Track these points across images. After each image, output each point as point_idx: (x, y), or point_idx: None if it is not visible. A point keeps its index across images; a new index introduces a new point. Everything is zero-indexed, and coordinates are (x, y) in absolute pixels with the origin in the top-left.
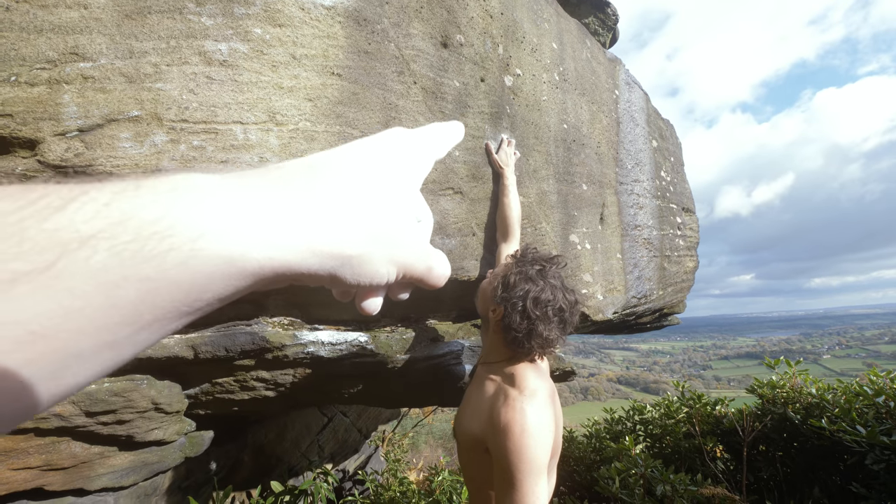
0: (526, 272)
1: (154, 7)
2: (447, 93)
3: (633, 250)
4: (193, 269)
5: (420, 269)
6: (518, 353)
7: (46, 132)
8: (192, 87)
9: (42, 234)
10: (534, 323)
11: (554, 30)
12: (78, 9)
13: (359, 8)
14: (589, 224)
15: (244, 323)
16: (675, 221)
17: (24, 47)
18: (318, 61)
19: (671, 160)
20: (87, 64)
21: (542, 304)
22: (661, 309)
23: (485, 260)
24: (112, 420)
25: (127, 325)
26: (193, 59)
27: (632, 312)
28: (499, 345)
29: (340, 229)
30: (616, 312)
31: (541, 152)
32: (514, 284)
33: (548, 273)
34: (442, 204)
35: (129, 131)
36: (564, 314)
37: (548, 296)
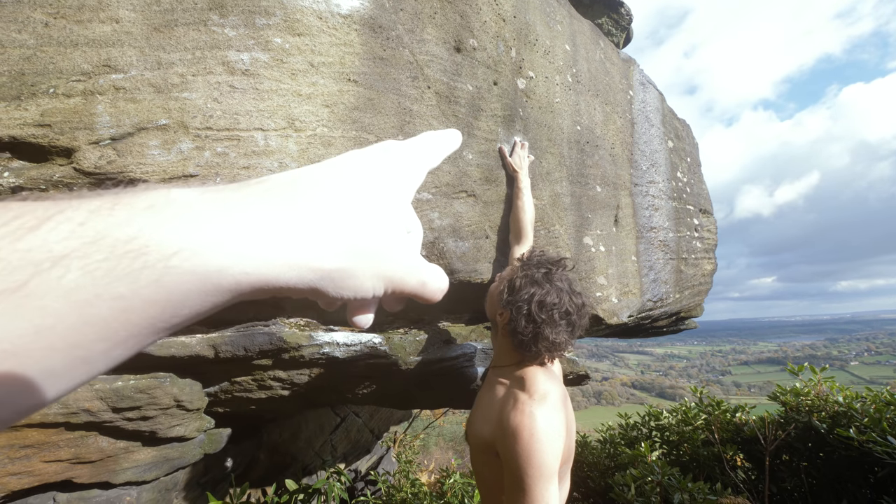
0: (532, 275)
1: (181, 20)
2: (460, 97)
3: (648, 253)
4: (168, 286)
5: (411, 283)
6: (526, 357)
7: (82, 141)
8: (216, 95)
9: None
10: (539, 327)
11: (567, 31)
12: (110, 23)
13: (374, 15)
14: (603, 226)
15: (262, 323)
16: (692, 223)
17: (62, 61)
18: (335, 68)
19: (687, 161)
20: (118, 75)
21: (547, 308)
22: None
23: (497, 262)
24: (137, 416)
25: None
26: (217, 68)
27: (647, 316)
28: (507, 348)
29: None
30: (631, 316)
31: (554, 154)
32: (519, 288)
33: (554, 276)
34: (455, 207)
35: (158, 139)
36: (572, 317)
37: (553, 299)
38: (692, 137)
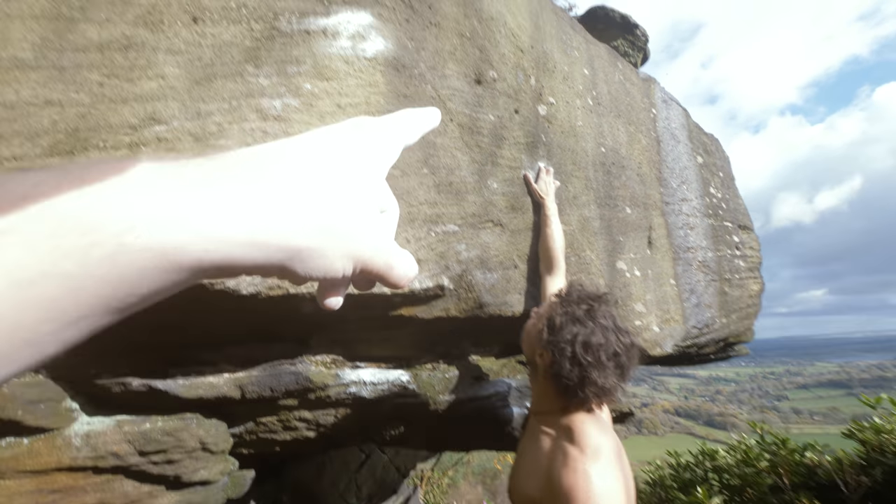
0: (573, 313)
1: (220, 73)
2: (483, 127)
3: (687, 275)
4: (122, 264)
5: (379, 264)
6: (572, 403)
7: None
8: (250, 141)
9: None
10: (586, 370)
11: (584, 56)
12: (157, 80)
13: (397, 56)
14: (636, 249)
15: (288, 361)
16: (732, 241)
17: (112, 116)
18: (361, 108)
19: (720, 175)
20: (161, 127)
21: (593, 349)
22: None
23: (529, 293)
24: (162, 459)
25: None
26: (251, 116)
27: (693, 344)
28: (550, 393)
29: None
30: (676, 345)
31: (580, 178)
32: (560, 327)
33: (597, 313)
34: (482, 237)
35: None
36: (620, 358)
37: (599, 339)
38: (722, 151)
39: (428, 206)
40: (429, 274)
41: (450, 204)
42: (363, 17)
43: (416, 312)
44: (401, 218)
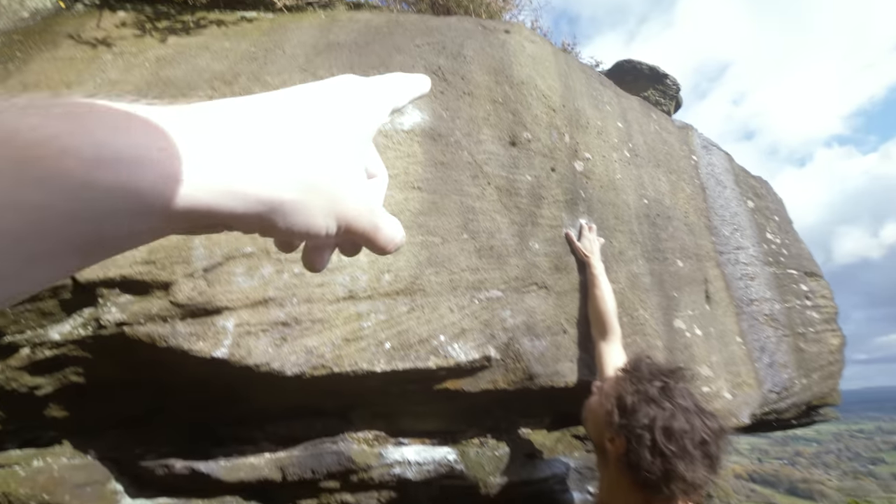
0: (646, 391)
1: None
2: (520, 188)
3: (754, 331)
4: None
5: (364, 224)
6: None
7: (179, 274)
8: None
9: None
10: (670, 462)
11: (616, 110)
12: None
13: (434, 126)
14: (694, 305)
15: (330, 440)
16: (800, 290)
17: None
18: (401, 178)
19: (775, 219)
20: None
21: (676, 436)
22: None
23: (581, 361)
24: None
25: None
26: None
27: (772, 410)
28: (625, 485)
29: (269, 172)
30: (753, 413)
31: (624, 232)
32: (633, 408)
33: (673, 391)
34: (527, 302)
35: (243, 266)
36: (709, 447)
37: (682, 424)
38: (774, 194)
39: (470, 272)
40: (474, 344)
41: (492, 268)
42: None
43: (462, 385)
44: (443, 286)
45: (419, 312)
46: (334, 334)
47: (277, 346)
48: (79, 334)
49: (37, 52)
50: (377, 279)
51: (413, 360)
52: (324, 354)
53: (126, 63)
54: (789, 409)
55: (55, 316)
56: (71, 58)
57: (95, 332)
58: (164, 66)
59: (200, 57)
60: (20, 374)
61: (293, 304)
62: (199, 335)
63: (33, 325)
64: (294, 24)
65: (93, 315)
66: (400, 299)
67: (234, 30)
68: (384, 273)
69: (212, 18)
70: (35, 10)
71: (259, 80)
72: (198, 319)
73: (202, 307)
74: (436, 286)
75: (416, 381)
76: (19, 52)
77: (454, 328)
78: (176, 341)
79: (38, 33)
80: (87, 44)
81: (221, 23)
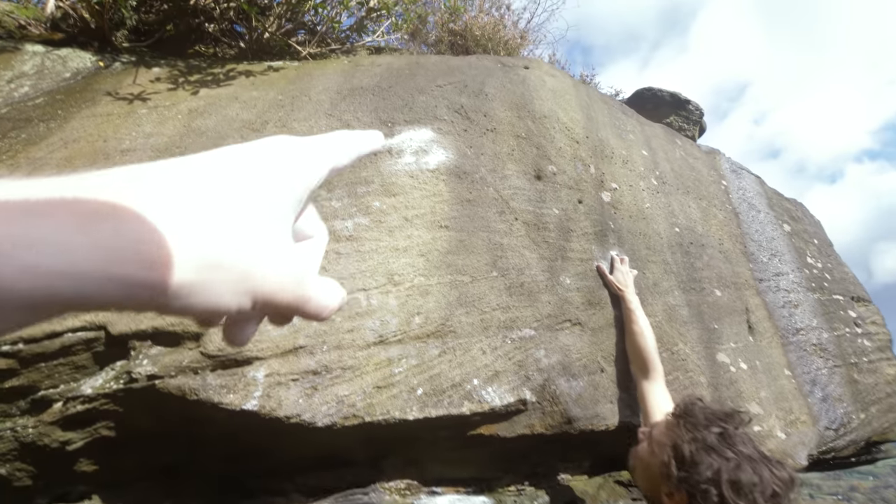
0: (704, 439)
1: None
2: (548, 222)
3: (803, 362)
4: None
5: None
6: None
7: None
8: (325, 264)
9: None
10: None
11: (640, 138)
12: None
13: (458, 164)
14: (737, 337)
15: (361, 491)
16: (849, 316)
17: None
18: (427, 218)
19: (814, 242)
20: None
21: (745, 490)
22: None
23: (622, 401)
24: None
25: None
26: None
27: (829, 449)
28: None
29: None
30: (810, 454)
31: (657, 262)
32: (693, 459)
33: (734, 438)
34: (561, 340)
35: None
36: (780, 500)
37: (750, 476)
38: (811, 216)
39: (501, 311)
40: (508, 387)
41: (523, 306)
42: (424, 133)
43: (497, 431)
44: (474, 326)
45: (451, 355)
46: (365, 381)
47: (308, 396)
48: (111, 388)
49: (77, 109)
50: (407, 322)
51: (446, 406)
52: (355, 403)
53: (160, 116)
54: (848, 447)
55: (88, 369)
56: (108, 113)
57: (127, 386)
58: (196, 118)
59: (230, 107)
60: (52, 430)
61: (323, 352)
62: (230, 387)
63: (66, 379)
64: (318, 71)
65: (124, 368)
66: (431, 342)
67: (261, 79)
68: (414, 315)
69: (240, 69)
70: (76, 70)
71: (286, 126)
72: (228, 371)
73: (232, 358)
74: (467, 327)
75: (449, 427)
76: (60, 111)
77: (487, 371)
78: (206, 394)
79: (79, 91)
80: (124, 99)
81: (249, 73)
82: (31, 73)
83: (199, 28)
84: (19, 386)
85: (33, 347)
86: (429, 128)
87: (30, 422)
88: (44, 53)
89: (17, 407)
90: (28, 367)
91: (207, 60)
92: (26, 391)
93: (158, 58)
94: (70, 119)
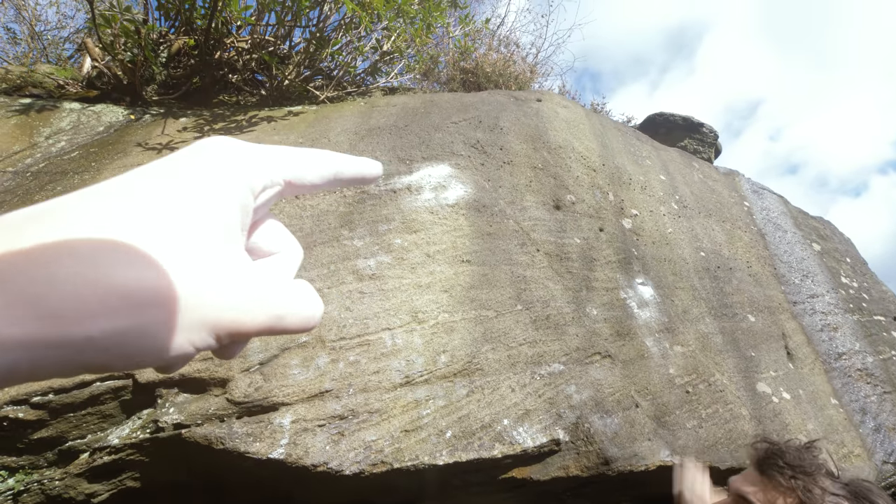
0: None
1: (318, 240)
2: (570, 252)
3: (850, 390)
4: None
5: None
6: None
7: (236, 370)
8: (348, 304)
9: None
10: None
11: (657, 164)
12: None
13: (477, 198)
14: (776, 364)
15: None
16: (893, 338)
17: None
18: (449, 253)
19: (847, 261)
20: None
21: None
22: None
23: (661, 438)
24: None
25: None
26: (348, 278)
27: (890, 485)
28: None
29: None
30: None
31: (685, 289)
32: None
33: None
34: (592, 374)
35: (298, 357)
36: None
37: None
38: (840, 234)
39: (528, 345)
40: (540, 427)
41: (550, 340)
42: (442, 168)
43: (530, 473)
44: (501, 363)
45: (479, 395)
46: (392, 425)
47: (335, 442)
48: (137, 437)
49: (109, 161)
50: (433, 361)
51: (477, 450)
52: (383, 449)
53: None
54: None
55: (115, 418)
56: (139, 163)
57: (153, 435)
58: None
59: None
60: (79, 482)
61: (349, 395)
62: (256, 435)
63: (94, 429)
64: (336, 114)
65: (151, 416)
66: (458, 381)
67: (282, 124)
68: (440, 354)
69: (262, 116)
70: (109, 123)
71: None
72: (254, 417)
73: (258, 404)
74: (494, 364)
75: (480, 470)
76: (94, 163)
77: (517, 409)
78: (233, 443)
79: (111, 144)
80: (153, 149)
81: (271, 119)
82: (67, 129)
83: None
84: (48, 437)
85: (63, 398)
86: (446, 163)
87: (56, 473)
88: (80, 110)
89: (44, 458)
90: (57, 418)
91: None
92: (54, 442)
93: (185, 108)
94: (102, 170)
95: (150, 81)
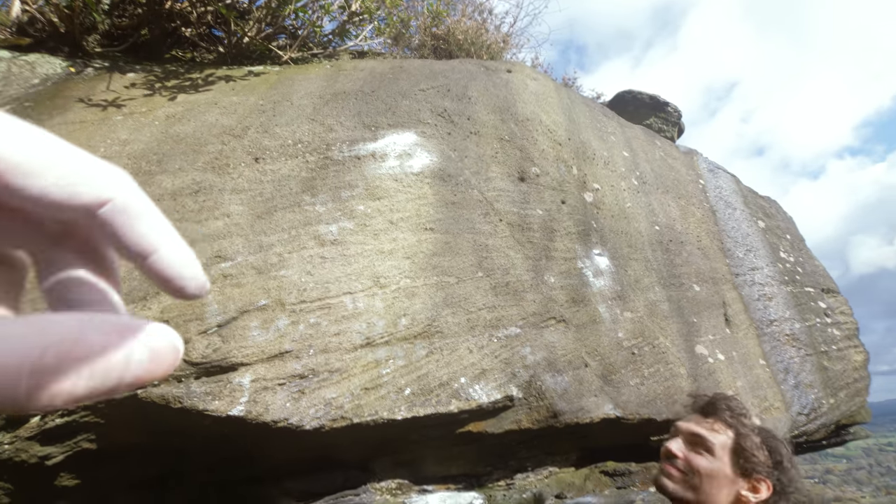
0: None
1: (279, 205)
2: (532, 223)
3: (777, 352)
4: None
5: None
6: None
7: (193, 332)
8: (309, 268)
9: None
10: None
11: (621, 140)
12: (223, 218)
13: (442, 167)
14: (714, 330)
15: (352, 492)
16: (819, 307)
17: None
18: (412, 221)
19: (787, 238)
20: (226, 263)
21: None
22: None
23: (605, 394)
24: None
25: None
26: (310, 243)
27: (802, 433)
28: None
29: None
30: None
31: (638, 260)
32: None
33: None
34: (546, 337)
35: (258, 320)
36: None
37: None
38: (784, 213)
39: (487, 310)
40: (496, 384)
41: (509, 305)
42: (408, 136)
43: (485, 427)
44: (460, 326)
45: (438, 355)
46: (353, 384)
47: (295, 400)
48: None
49: (47, 117)
50: (394, 324)
51: (434, 405)
52: (343, 405)
53: (136, 122)
54: (819, 430)
55: None
56: (82, 121)
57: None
58: (174, 123)
59: (209, 112)
60: (30, 445)
61: (310, 356)
62: (215, 394)
63: None
64: (301, 76)
65: None
66: (418, 343)
67: (241, 84)
68: (401, 317)
69: (220, 74)
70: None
71: (268, 132)
72: (213, 378)
73: (217, 364)
74: (453, 327)
75: (438, 425)
76: (30, 119)
77: (474, 369)
78: (191, 402)
79: (49, 98)
80: (98, 106)
81: (230, 78)
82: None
83: (176, 32)
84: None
85: None
86: (412, 131)
87: (6, 438)
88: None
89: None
90: None
91: (185, 65)
92: None
93: (133, 63)
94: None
95: (91, 31)
